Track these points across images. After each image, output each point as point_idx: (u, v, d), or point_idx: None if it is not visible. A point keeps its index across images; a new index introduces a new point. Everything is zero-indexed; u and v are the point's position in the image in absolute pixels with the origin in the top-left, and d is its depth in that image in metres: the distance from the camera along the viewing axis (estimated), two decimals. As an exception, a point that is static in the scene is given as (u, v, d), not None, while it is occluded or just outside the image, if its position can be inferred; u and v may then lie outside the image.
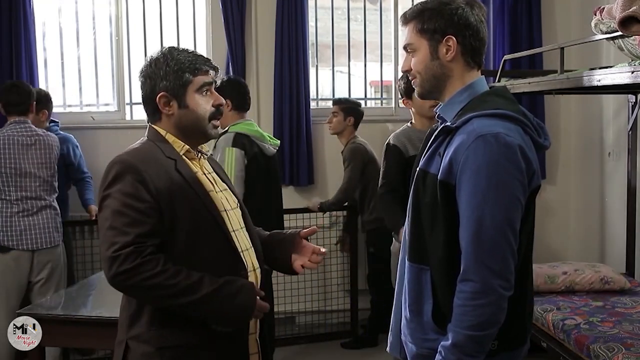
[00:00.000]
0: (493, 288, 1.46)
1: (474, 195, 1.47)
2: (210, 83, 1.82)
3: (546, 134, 1.65)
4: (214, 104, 1.82)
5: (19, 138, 3.50)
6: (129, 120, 4.60)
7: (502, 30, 4.69)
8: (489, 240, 1.46)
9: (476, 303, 1.47)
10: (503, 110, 1.54)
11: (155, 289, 1.62)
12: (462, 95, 1.62)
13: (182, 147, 1.80)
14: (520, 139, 1.51)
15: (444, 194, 1.53)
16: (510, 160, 1.47)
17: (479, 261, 1.47)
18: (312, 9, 4.78)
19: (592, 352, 2.79)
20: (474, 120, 1.52)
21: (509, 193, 1.47)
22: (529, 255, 1.63)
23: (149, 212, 1.65)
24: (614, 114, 4.40)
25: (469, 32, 1.60)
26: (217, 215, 1.76)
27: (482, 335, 1.48)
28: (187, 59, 1.78)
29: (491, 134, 1.48)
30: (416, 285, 1.61)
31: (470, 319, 1.47)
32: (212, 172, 1.90)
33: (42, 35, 4.50)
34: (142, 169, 1.68)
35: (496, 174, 1.46)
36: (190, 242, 1.70)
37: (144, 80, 1.80)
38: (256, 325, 1.86)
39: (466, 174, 1.48)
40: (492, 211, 1.46)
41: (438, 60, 1.62)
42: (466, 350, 1.48)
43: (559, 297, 3.49)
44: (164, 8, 4.66)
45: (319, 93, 4.95)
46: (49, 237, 3.53)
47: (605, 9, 2.57)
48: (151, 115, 1.83)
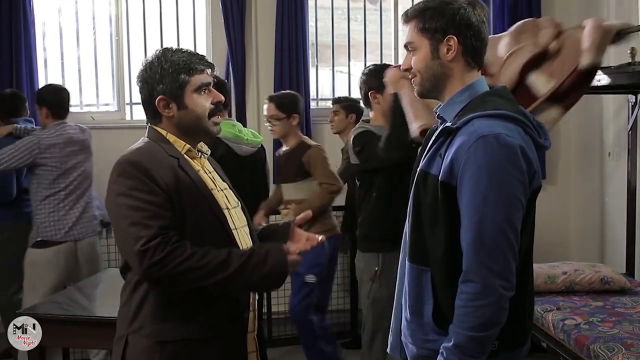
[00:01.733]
0: (494, 288, 1.46)
1: (475, 196, 1.47)
2: (209, 83, 1.82)
3: (546, 134, 1.65)
4: (213, 101, 1.82)
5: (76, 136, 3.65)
6: (129, 120, 4.61)
7: (502, 30, 4.65)
8: (490, 241, 1.46)
9: (477, 304, 1.47)
10: (503, 110, 1.54)
11: (189, 273, 1.63)
12: (462, 96, 1.61)
13: (183, 146, 1.81)
14: (520, 139, 1.51)
15: (445, 194, 1.53)
16: (511, 161, 1.47)
17: (479, 262, 1.47)
18: (312, 9, 4.78)
19: (592, 352, 2.79)
20: (475, 120, 1.52)
21: (509, 193, 1.47)
22: (529, 256, 1.63)
23: (165, 205, 1.66)
24: (614, 114, 4.40)
25: (470, 33, 1.59)
26: (220, 214, 1.77)
27: (483, 335, 1.48)
28: (181, 59, 1.78)
29: (492, 134, 1.48)
30: (416, 286, 1.61)
31: (471, 319, 1.48)
32: (212, 171, 1.91)
33: (42, 35, 4.51)
34: (150, 167, 1.69)
35: (497, 174, 1.46)
36: (194, 239, 1.70)
37: (142, 84, 1.81)
38: (254, 324, 1.87)
39: (467, 174, 1.48)
40: (493, 212, 1.46)
41: (438, 60, 1.61)
42: (468, 351, 1.48)
43: (559, 297, 3.49)
44: (164, 8, 4.66)
45: (319, 93, 4.95)
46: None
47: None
48: (152, 118, 1.84)
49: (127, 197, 1.66)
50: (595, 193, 4.59)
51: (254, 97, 4.65)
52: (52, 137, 3.52)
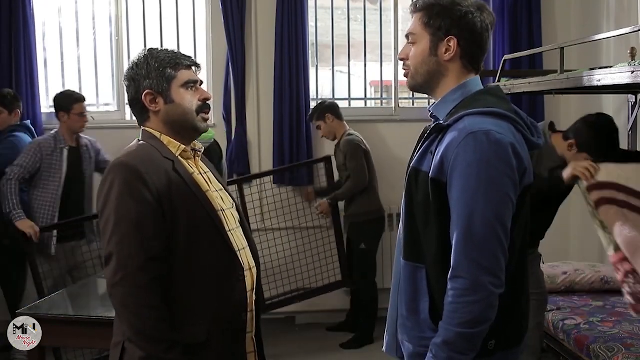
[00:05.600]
0: (483, 285, 1.46)
1: (465, 192, 1.47)
2: (196, 81, 1.84)
3: (539, 133, 1.65)
4: (200, 98, 1.84)
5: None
6: (129, 120, 4.60)
7: (502, 30, 4.69)
8: (479, 237, 1.46)
9: (466, 300, 1.46)
10: (494, 108, 1.54)
11: (136, 314, 1.65)
12: (456, 94, 1.62)
13: (177, 147, 1.81)
14: (511, 137, 1.51)
15: (435, 191, 1.53)
16: (500, 158, 1.47)
17: (469, 258, 1.47)
18: (312, 9, 4.78)
19: (592, 352, 2.79)
20: (466, 118, 1.53)
21: (499, 190, 1.47)
22: (524, 254, 1.62)
23: (155, 224, 1.68)
24: (614, 114, 4.38)
25: (472, 38, 1.59)
26: (214, 215, 1.78)
27: (472, 332, 1.47)
28: (167, 56, 1.81)
29: (482, 131, 1.48)
30: (412, 283, 1.61)
31: (460, 316, 1.47)
32: (207, 172, 1.91)
33: (42, 35, 4.51)
34: (143, 171, 1.69)
35: (486, 171, 1.46)
36: (189, 241, 1.71)
37: (129, 83, 1.82)
38: (252, 324, 1.87)
39: (457, 171, 1.48)
40: (482, 208, 1.46)
41: (435, 58, 1.61)
42: (457, 347, 1.48)
43: (559, 297, 3.49)
44: (164, 8, 4.66)
45: (319, 93, 4.95)
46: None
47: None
48: (139, 116, 1.85)
49: (120, 207, 1.67)
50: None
51: (253, 97, 4.64)
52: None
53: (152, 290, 1.66)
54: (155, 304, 1.66)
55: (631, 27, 2.76)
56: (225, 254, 1.78)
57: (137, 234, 1.66)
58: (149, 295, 1.66)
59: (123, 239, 1.66)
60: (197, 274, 1.74)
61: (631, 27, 2.80)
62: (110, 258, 1.68)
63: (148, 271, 1.65)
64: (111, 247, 1.67)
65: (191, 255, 1.72)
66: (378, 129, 4.75)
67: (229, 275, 1.78)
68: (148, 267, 1.66)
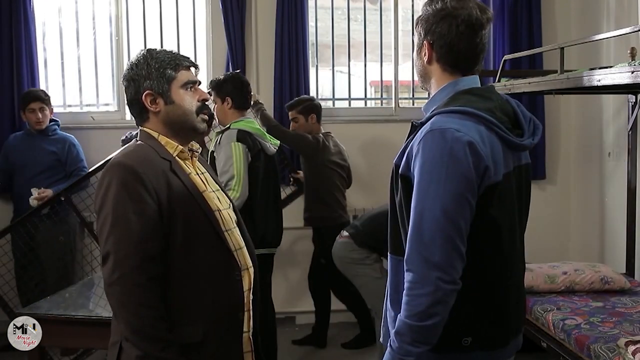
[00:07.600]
0: (430, 279, 1.46)
1: (419, 189, 1.50)
2: (195, 82, 1.85)
3: (532, 132, 1.65)
4: (199, 99, 1.84)
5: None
6: (129, 120, 4.58)
7: (502, 30, 4.69)
8: (427, 233, 1.48)
9: (414, 293, 1.48)
10: (466, 107, 1.55)
11: (135, 313, 1.65)
12: (442, 94, 1.65)
13: (175, 148, 1.82)
14: (474, 135, 1.51)
15: (404, 187, 1.57)
16: (454, 156, 1.48)
17: (416, 252, 1.49)
18: (312, 9, 4.78)
19: (592, 352, 2.79)
20: (435, 117, 1.56)
21: (450, 187, 1.47)
22: (504, 253, 1.60)
23: (154, 224, 1.68)
24: (614, 114, 4.40)
25: (442, 42, 1.61)
26: (211, 215, 1.79)
27: (419, 325, 1.47)
28: (166, 56, 1.82)
29: (440, 129, 1.50)
30: (395, 275, 1.64)
31: (410, 308, 1.49)
32: (205, 172, 1.92)
33: (42, 35, 4.51)
34: (141, 171, 1.70)
35: (438, 168, 1.48)
36: (185, 241, 1.72)
37: (128, 83, 1.83)
38: (249, 324, 1.88)
39: (416, 168, 1.52)
40: (432, 205, 1.48)
41: (420, 61, 1.69)
42: (406, 339, 1.49)
43: (559, 297, 3.49)
44: (164, 8, 4.66)
45: (319, 93, 4.95)
46: None
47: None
48: (139, 117, 1.85)
49: (116, 207, 1.67)
50: (595, 193, 4.59)
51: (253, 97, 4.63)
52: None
53: (149, 289, 1.66)
54: (152, 303, 1.66)
55: (631, 27, 2.76)
56: (222, 254, 1.79)
57: (134, 234, 1.66)
58: (146, 295, 1.66)
59: (120, 238, 1.66)
60: (194, 273, 1.74)
61: (631, 27, 2.80)
62: (107, 257, 1.68)
63: (145, 271, 1.66)
64: (108, 246, 1.67)
65: (188, 255, 1.73)
66: (378, 129, 4.75)
67: (226, 275, 1.79)
68: (145, 266, 1.66)
